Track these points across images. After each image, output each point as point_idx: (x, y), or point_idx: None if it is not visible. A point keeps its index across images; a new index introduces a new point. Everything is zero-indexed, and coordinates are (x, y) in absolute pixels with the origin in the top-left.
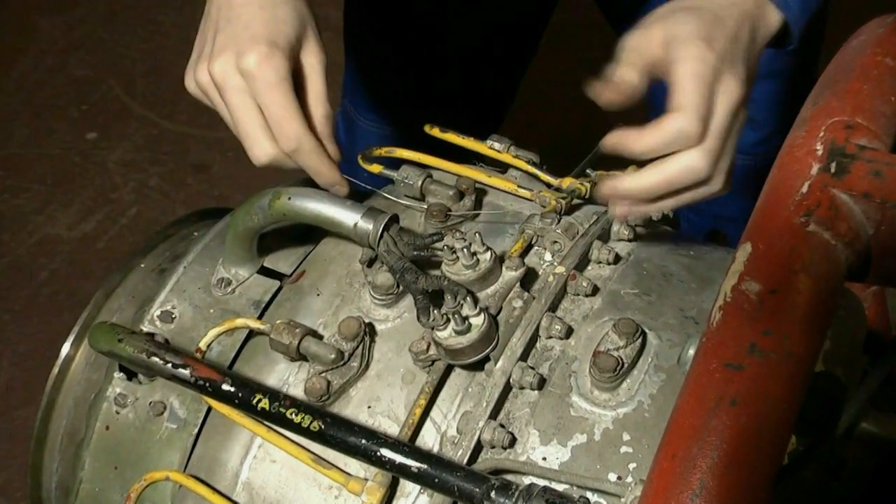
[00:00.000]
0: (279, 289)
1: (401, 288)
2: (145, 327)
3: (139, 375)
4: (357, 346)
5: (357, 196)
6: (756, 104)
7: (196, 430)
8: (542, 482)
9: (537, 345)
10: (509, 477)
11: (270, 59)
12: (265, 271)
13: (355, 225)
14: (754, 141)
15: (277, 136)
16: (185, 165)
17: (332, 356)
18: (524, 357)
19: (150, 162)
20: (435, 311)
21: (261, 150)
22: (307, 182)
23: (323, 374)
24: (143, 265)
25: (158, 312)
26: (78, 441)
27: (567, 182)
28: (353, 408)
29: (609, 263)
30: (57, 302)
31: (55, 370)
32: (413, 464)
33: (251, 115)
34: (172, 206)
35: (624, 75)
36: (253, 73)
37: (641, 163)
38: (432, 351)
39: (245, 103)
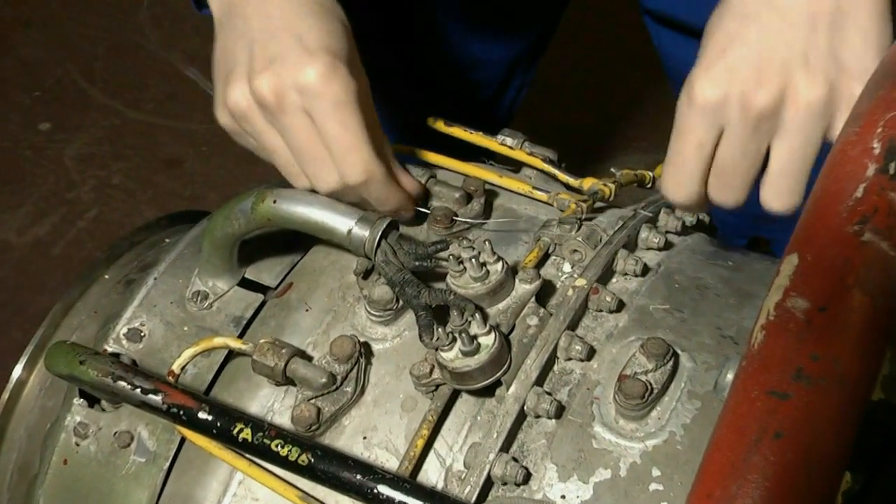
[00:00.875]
0: (263, 303)
1: (400, 303)
2: (110, 347)
3: (102, 402)
4: (351, 369)
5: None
6: None
7: (167, 465)
8: None
9: (555, 367)
10: None
11: (336, 73)
12: (247, 284)
13: (349, 232)
14: None
15: (343, 165)
16: (152, 161)
17: (323, 380)
18: (540, 381)
19: (112, 157)
20: (439, 330)
21: (326, 182)
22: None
23: (312, 401)
24: (106, 276)
25: (125, 330)
26: (31, 477)
27: (588, 183)
28: (347, 438)
29: (636, 275)
30: (4, 318)
31: (5, 396)
32: (415, 503)
33: (313, 141)
34: (139, 208)
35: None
36: (317, 89)
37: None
38: (436, 374)
39: (306, 125)
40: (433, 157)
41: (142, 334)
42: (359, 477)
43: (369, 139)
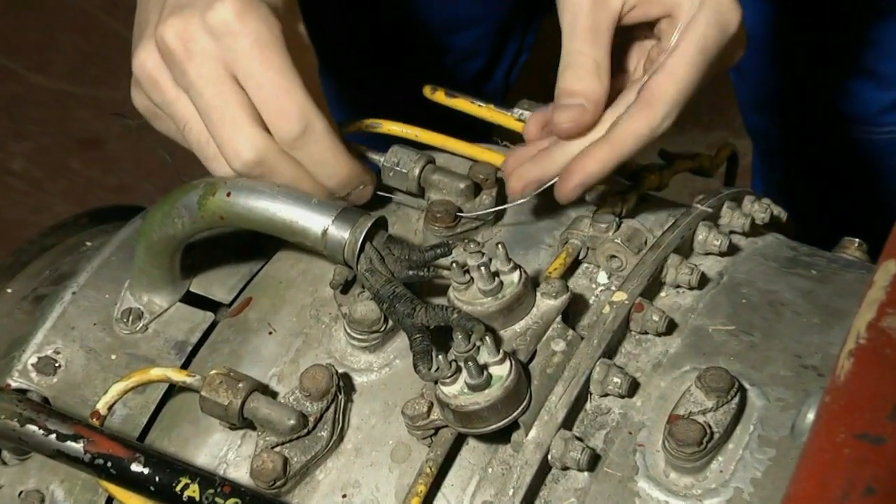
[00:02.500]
0: (213, 325)
1: (390, 323)
2: (14, 381)
3: (3, 453)
4: (327, 408)
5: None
6: (883, 52)
7: None
8: None
9: (587, 406)
10: None
11: (255, 9)
12: (193, 299)
13: (324, 232)
14: (887, 105)
15: (273, 118)
16: (66, 140)
17: (291, 422)
18: (568, 423)
19: (12, 135)
20: (439, 357)
21: (245, 141)
22: None
23: (277, 449)
24: (9, 290)
25: (34, 360)
26: None
27: (630, 169)
28: (322, 497)
29: (692, 288)
30: None
31: None
32: None
33: (229, 94)
34: (48, 202)
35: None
36: (231, 28)
37: None
38: (435, 415)
39: (218, 75)
40: (432, 137)
41: (56, 365)
42: None
43: (303, 85)
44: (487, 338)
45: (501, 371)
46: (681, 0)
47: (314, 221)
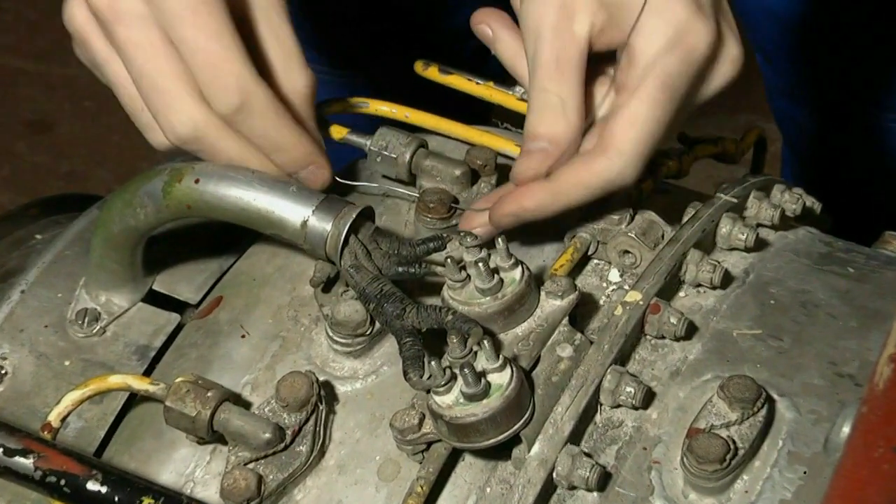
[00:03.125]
0: (179, 327)
1: (377, 326)
2: None
3: None
4: (306, 420)
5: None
6: None
7: None
8: None
9: (597, 418)
10: None
11: None
12: (156, 299)
13: (304, 224)
14: None
15: (208, 88)
16: (11, 122)
17: (267, 436)
18: (576, 438)
19: None
20: (432, 364)
21: (180, 113)
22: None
23: (251, 465)
24: None
25: None
26: None
27: None
28: None
29: (714, 287)
30: None
31: None
32: None
33: (162, 60)
34: None
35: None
36: None
37: None
38: (427, 428)
39: (149, 39)
40: (423, 118)
41: (3, 372)
42: None
43: (245, 53)
44: (486, 342)
45: (501, 379)
46: (639, 25)
47: (293, 212)
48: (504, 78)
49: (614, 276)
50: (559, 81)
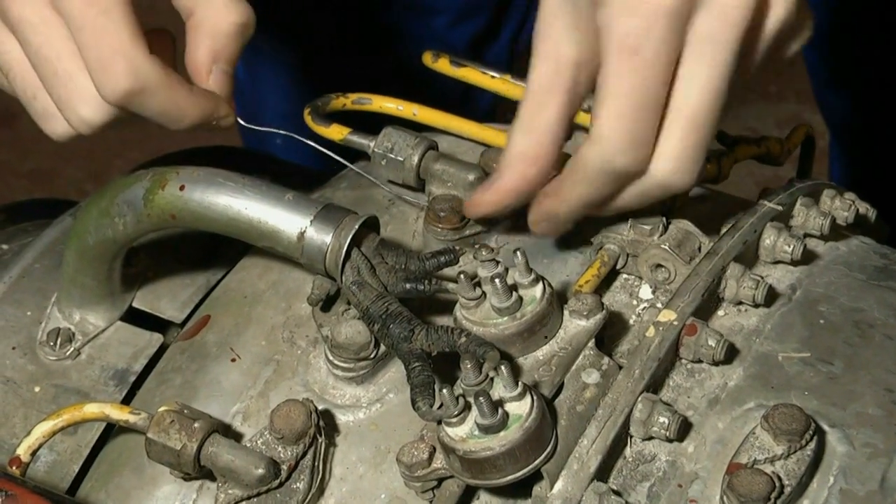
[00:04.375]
0: (162, 349)
1: (382, 349)
2: None
3: None
4: (304, 454)
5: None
6: None
7: None
8: None
9: (627, 452)
10: None
11: None
12: (136, 317)
13: (301, 236)
14: None
15: (93, 71)
16: None
17: (260, 471)
18: (603, 474)
19: None
20: (444, 391)
21: (88, 103)
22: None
23: None
24: None
25: None
26: None
27: None
28: None
29: (757, 305)
30: None
31: None
32: None
33: (58, 40)
34: None
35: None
36: None
37: None
38: (438, 463)
39: (43, 17)
40: (433, 116)
41: None
42: None
43: (136, 32)
44: (503, 367)
45: (520, 409)
46: None
47: (288, 222)
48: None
49: (646, 292)
50: (534, 113)
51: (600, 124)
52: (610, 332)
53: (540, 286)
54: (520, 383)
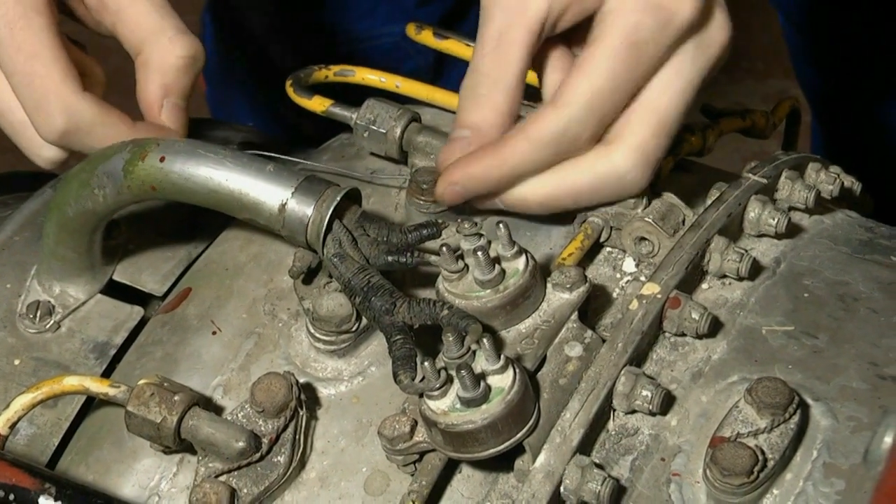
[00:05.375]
0: (143, 322)
1: (363, 322)
2: None
3: None
4: (285, 427)
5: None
6: None
7: None
8: None
9: (610, 425)
10: None
11: None
12: (116, 290)
13: (282, 207)
14: None
15: (31, 113)
16: None
17: (240, 444)
18: (586, 448)
19: None
20: (425, 364)
21: (39, 146)
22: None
23: (223, 478)
24: None
25: None
26: None
27: None
28: None
29: (741, 278)
30: None
31: None
32: None
33: (4, 94)
34: None
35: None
36: None
37: None
38: (420, 436)
39: None
40: (415, 88)
41: None
42: None
43: (67, 68)
44: (485, 340)
45: (502, 382)
46: None
47: (269, 194)
48: None
49: (629, 265)
50: (495, 63)
51: (572, 91)
52: (593, 306)
53: (523, 259)
54: (502, 356)
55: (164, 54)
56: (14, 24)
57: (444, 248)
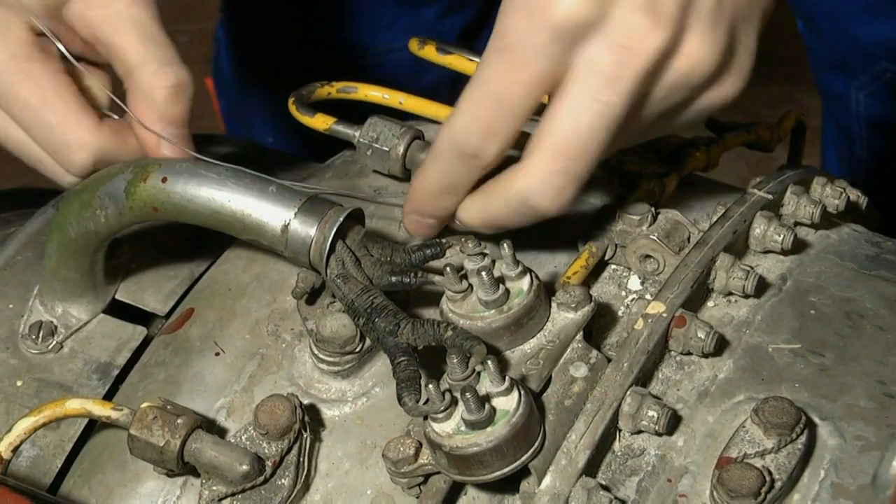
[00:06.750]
0: (146, 342)
1: (367, 343)
2: None
3: None
4: (288, 450)
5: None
6: None
7: None
8: None
9: (616, 446)
10: None
11: None
12: (119, 310)
13: (285, 228)
14: None
15: (56, 157)
16: None
17: (244, 468)
18: (591, 469)
19: None
20: (430, 387)
21: (62, 174)
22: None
23: (227, 501)
24: None
25: None
26: None
27: (670, 144)
28: None
29: (747, 296)
30: None
31: None
32: None
33: (15, 135)
34: None
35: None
36: None
37: None
38: (425, 459)
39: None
40: (419, 105)
41: None
42: None
43: (79, 105)
44: (490, 361)
45: (507, 404)
46: None
47: (272, 214)
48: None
49: (634, 283)
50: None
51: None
52: (598, 324)
53: (527, 278)
54: (507, 378)
55: (152, 83)
56: (13, 80)
57: (447, 268)
